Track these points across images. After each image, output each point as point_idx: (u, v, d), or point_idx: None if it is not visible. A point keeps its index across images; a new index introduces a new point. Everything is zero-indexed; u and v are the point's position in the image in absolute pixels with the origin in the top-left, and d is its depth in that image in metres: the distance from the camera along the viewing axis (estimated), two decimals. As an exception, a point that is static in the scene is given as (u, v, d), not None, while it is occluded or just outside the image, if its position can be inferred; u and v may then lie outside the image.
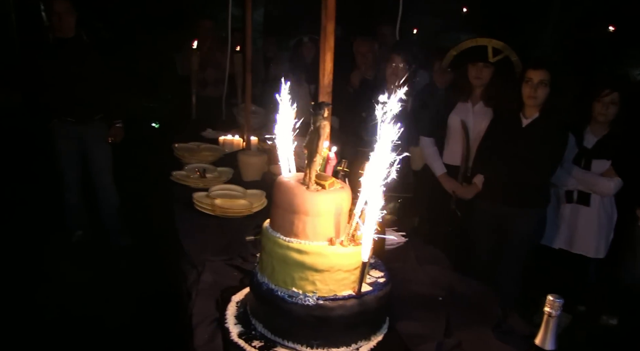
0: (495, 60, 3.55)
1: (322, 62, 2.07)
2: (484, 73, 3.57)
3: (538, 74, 3.15)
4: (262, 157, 3.57)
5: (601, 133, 3.41)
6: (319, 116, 1.60)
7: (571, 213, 3.51)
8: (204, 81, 5.86)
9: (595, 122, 3.41)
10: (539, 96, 3.16)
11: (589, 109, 3.41)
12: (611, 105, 3.32)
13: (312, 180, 1.66)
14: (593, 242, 3.47)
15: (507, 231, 3.34)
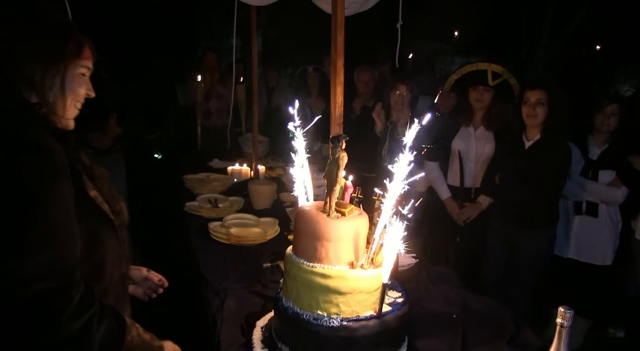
0: (494, 84, 3.68)
1: (332, 95, 2.20)
2: (485, 96, 3.70)
3: (535, 94, 3.29)
4: (272, 186, 3.68)
5: (604, 144, 3.56)
6: (338, 148, 1.72)
7: (579, 224, 3.64)
8: (208, 111, 6.01)
9: (597, 133, 3.57)
10: (538, 115, 3.29)
11: (591, 121, 3.55)
12: (612, 115, 3.48)
13: (332, 208, 1.77)
14: (600, 250, 3.60)
15: (518, 250, 3.44)
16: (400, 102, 3.90)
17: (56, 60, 1.28)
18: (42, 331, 1.10)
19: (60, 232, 1.14)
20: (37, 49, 1.25)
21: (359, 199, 2.04)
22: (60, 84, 1.29)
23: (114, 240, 1.42)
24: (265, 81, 6.70)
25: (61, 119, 1.33)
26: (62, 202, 1.15)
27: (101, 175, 1.43)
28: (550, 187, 3.34)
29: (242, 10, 4.20)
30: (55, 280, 1.11)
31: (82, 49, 1.36)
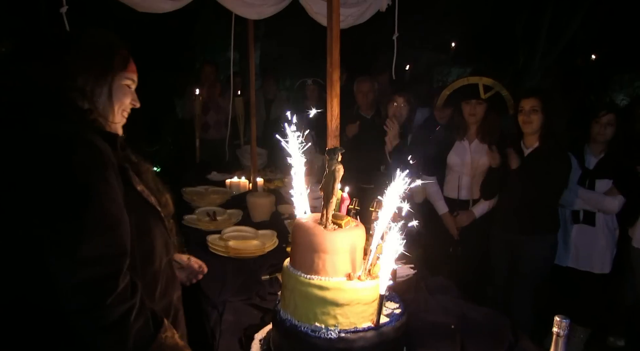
0: (487, 97, 3.71)
1: (329, 107, 2.22)
2: (478, 110, 3.72)
3: (529, 102, 3.35)
4: (270, 198, 3.69)
5: (600, 153, 3.59)
6: (334, 160, 1.73)
7: (577, 232, 3.65)
8: (206, 124, 6.04)
9: (594, 142, 3.60)
10: (533, 122, 3.34)
11: (587, 130, 3.58)
12: (608, 125, 3.52)
13: (329, 220, 1.79)
14: (598, 258, 3.61)
15: (520, 257, 3.46)
16: (397, 113, 3.92)
17: (104, 73, 1.47)
18: (86, 312, 1.22)
19: (110, 220, 1.27)
20: (88, 64, 1.44)
21: (356, 211, 2.05)
22: (108, 93, 1.48)
23: (161, 228, 1.54)
24: (264, 93, 6.73)
25: (110, 124, 1.49)
26: (110, 194, 1.29)
27: (147, 170, 1.57)
28: (550, 194, 3.37)
29: (240, 24, 4.24)
30: (104, 265, 1.23)
31: (127, 63, 1.55)
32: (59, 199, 1.22)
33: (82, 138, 1.29)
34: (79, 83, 1.42)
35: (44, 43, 1.45)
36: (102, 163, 1.29)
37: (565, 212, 3.68)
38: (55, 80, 1.38)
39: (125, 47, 1.56)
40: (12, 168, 1.26)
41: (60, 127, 1.30)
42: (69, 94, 1.39)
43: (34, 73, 1.37)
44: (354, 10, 3.87)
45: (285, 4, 3.79)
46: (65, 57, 1.41)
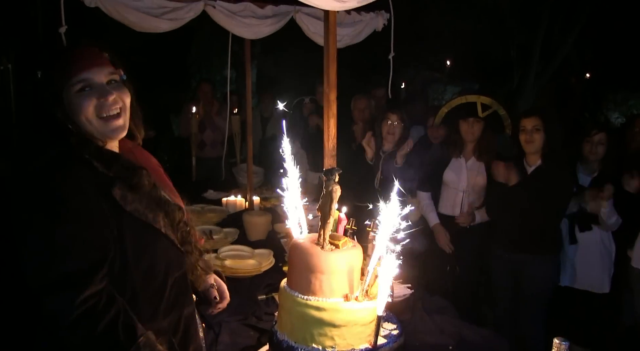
0: (484, 115, 3.73)
1: (325, 127, 2.23)
2: (475, 128, 3.74)
3: (530, 121, 3.35)
4: (266, 217, 3.68)
5: (593, 172, 3.58)
6: (331, 181, 1.73)
7: (574, 252, 3.62)
8: (202, 142, 6.04)
9: (585, 162, 3.59)
10: (535, 141, 3.34)
11: (579, 149, 3.59)
12: (600, 145, 3.52)
13: (326, 240, 1.78)
14: (596, 277, 3.57)
15: (524, 278, 3.42)
16: (391, 131, 3.93)
17: (52, 92, 1.42)
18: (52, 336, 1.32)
19: (74, 249, 1.32)
20: (42, 90, 1.43)
21: (353, 231, 2.05)
22: (63, 112, 1.43)
23: (163, 243, 1.51)
24: (260, 112, 6.75)
25: (93, 138, 1.45)
26: (84, 218, 1.34)
27: (140, 182, 1.48)
28: (554, 212, 3.35)
29: (237, 43, 4.28)
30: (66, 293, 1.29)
31: (68, 69, 1.43)
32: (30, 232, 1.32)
33: (59, 171, 1.35)
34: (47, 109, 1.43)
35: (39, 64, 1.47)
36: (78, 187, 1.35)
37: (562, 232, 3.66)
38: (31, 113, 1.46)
39: (65, 50, 1.53)
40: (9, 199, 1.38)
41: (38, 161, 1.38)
42: (42, 122, 1.43)
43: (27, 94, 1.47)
44: (350, 30, 3.92)
45: (282, 24, 3.83)
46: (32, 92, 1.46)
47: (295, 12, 3.80)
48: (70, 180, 1.35)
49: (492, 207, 3.60)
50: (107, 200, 1.39)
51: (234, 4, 3.73)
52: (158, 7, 3.45)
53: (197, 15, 3.63)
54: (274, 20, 3.79)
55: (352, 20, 3.96)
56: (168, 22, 3.51)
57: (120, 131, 1.50)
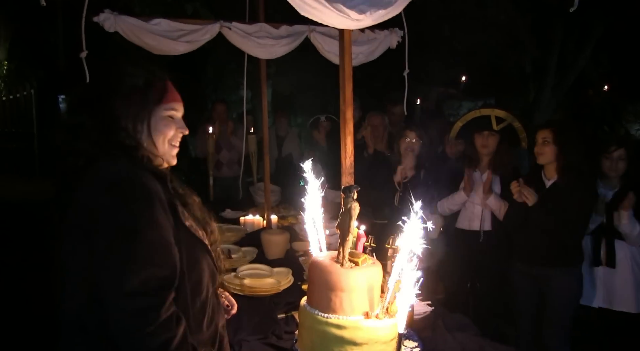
0: (499, 128, 3.72)
1: (342, 145, 2.24)
2: (490, 141, 3.73)
3: (541, 134, 3.35)
4: (284, 235, 3.68)
5: (615, 186, 3.51)
6: (349, 198, 1.74)
7: (605, 271, 3.51)
8: (219, 162, 6.09)
9: (606, 177, 3.53)
10: (545, 153, 3.32)
11: (599, 165, 3.54)
12: (620, 161, 3.46)
13: (345, 258, 1.78)
14: (632, 297, 3.46)
15: (547, 293, 3.36)
16: (410, 148, 3.94)
17: (141, 110, 1.54)
18: (128, 338, 1.33)
19: (157, 254, 1.37)
20: (127, 104, 1.52)
21: (372, 248, 2.05)
22: (147, 128, 1.55)
23: (207, 259, 1.61)
24: (275, 131, 6.79)
25: (157, 157, 1.58)
26: (158, 231, 1.39)
27: (193, 202, 1.64)
28: (575, 225, 3.28)
29: (252, 63, 4.32)
30: (148, 299, 1.33)
31: (163, 95, 1.60)
32: (110, 239, 1.34)
33: (131, 181, 1.41)
34: (122, 123, 1.51)
35: (91, 92, 1.55)
36: (150, 203, 1.40)
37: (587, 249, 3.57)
38: (103, 125, 1.49)
39: (162, 78, 1.62)
40: (80, 208, 1.41)
41: (115, 170, 1.43)
42: (116, 136, 1.50)
43: (86, 121, 1.49)
44: (364, 48, 3.94)
45: (297, 44, 3.87)
46: (109, 102, 1.51)
47: (310, 32, 3.84)
48: (147, 189, 1.41)
49: (511, 222, 3.56)
50: (170, 213, 1.47)
51: (249, 25, 3.78)
52: (175, 30, 3.52)
53: (213, 37, 3.69)
54: (289, 40, 3.83)
55: (367, 38, 3.99)
56: (185, 45, 3.57)
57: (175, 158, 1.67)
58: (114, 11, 3.37)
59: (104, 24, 3.30)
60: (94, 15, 3.28)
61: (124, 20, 3.35)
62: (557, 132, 3.32)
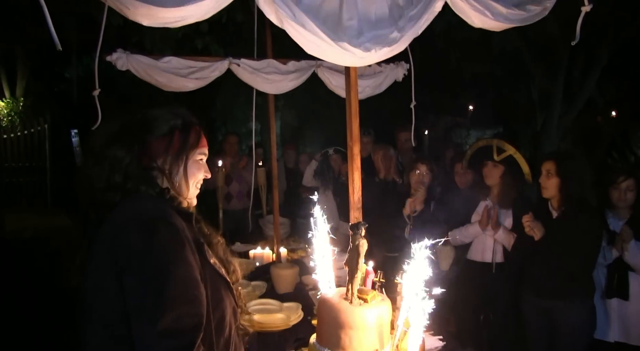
0: (499, 159, 3.72)
1: (350, 181, 2.25)
2: (493, 172, 3.74)
3: (545, 166, 3.35)
4: (294, 269, 3.67)
5: (625, 216, 3.47)
6: (357, 235, 1.74)
7: (619, 303, 3.46)
8: (229, 194, 6.11)
9: (615, 208, 3.50)
10: (548, 186, 3.31)
11: (607, 195, 3.51)
12: (628, 191, 3.43)
13: (354, 295, 1.77)
14: None
15: (558, 326, 3.31)
16: (420, 182, 3.95)
17: (180, 152, 1.59)
18: None
19: (188, 293, 1.37)
20: (166, 145, 1.57)
21: (382, 283, 2.04)
22: (184, 170, 1.60)
23: (230, 297, 1.62)
24: (284, 163, 6.83)
25: (185, 199, 1.62)
26: (188, 269, 1.40)
27: (218, 241, 1.67)
28: (585, 255, 3.25)
29: (261, 96, 4.39)
30: (180, 338, 1.32)
31: (199, 139, 1.66)
32: (144, 277, 1.34)
33: (163, 220, 1.42)
34: (159, 163, 1.56)
35: (127, 130, 1.57)
36: (180, 242, 1.41)
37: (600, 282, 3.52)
38: (139, 162, 1.53)
39: (197, 123, 1.67)
40: (110, 245, 1.41)
41: (146, 210, 1.46)
42: (151, 174, 1.54)
43: (122, 158, 1.52)
44: (371, 82, 3.99)
45: (304, 79, 3.93)
46: (148, 140, 1.56)
47: (317, 67, 3.91)
48: (176, 228, 1.43)
49: (519, 253, 3.53)
50: (197, 252, 1.48)
51: (257, 61, 3.85)
52: (185, 68, 3.59)
53: (222, 74, 3.76)
54: (297, 75, 3.89)
55: (373, 71, 4.04)
56: (195, 81, 3.64)
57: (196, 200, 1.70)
58: (126, 50, 3.45)
59: (116, 63, 3.38)
60: (107, 54, 3.37)
61: (135, 59, 3.43)
62: (559, 164, 3.30)
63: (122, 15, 1.99)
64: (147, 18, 1.97)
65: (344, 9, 2.13)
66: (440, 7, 2.15)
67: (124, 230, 1.40)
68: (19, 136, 11.19)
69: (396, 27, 2.13)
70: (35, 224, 9.23)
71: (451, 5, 2.19)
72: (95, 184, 1.52)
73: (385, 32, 2.11)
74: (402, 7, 2.20)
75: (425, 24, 2.16)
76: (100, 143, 1.57)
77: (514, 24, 2.28)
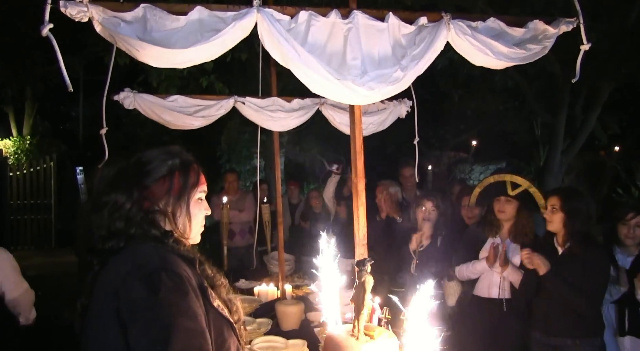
0: (515, 194, 3.71)
1: (355, 217, 2.26)
2: (507, 208, 3.71)
3: (550, 201, 3.34)
4: (299, 306, 3.64)
5: (633, 252, 3.45)
6: (363, 271, 1.74)
7: (632, 341, 3.40)
8: (231, 232, 6.10)
9: (623, 244, 3.49)
10: (553, 222, 3.30)
11: (615, 232, 3.50)
12: (637, 228, 3.42)
13: (361, 331, 1.76)
14: None
15: None
16: (427, 218, 3.96)
17: (183, 192, 1.57)
18: None
19: (193, 342, 1.34)
20: (168, 187, 1.55)
21: (388, 320, 2.03)
22: (187, 211, 1.57)
23: (234, 338, 1.60)
24: (288, 199, 6.85)
25: (188, 240, 1.59)
26: (193, 319, 1.37)
27: (221, 283, 1.64)
28: (592, 293, 3.20)
29: (265, 133, 4.44)
30: None
31: (199, 177, 1.64)
32: (149, 331, 1.31)
33: (167, 271, 1.39)
34: (161, 206, 1.54)
35: (124, 175, 1.54)
36: (185, 293, 1.39)
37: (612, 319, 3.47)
38: (140, 207, 1.50)
39: (194, 160, 1.65)
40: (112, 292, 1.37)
41: (149, 259, 1.42)
42: (154, 217, 1.51)
43: (123, 204, 1.49)
44: (375, 118, 4.05)
45: (308, 116, 3.99)
46: (145, 186, 1.53)
47: (321, 105, 3.97)
48: (180, 277, 1.41)
49: (526, 290, 3.50)
50: (201, 296, 1.46)
51: (261, 99, 3.92)
52: (191, 106, 3.66)
53: (227, 112, 3.82)
54: (301, 113, 3.95)
55: (377, 108, 4.11)
56: (200, 120, 3.70)
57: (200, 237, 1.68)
58: (132, 88, 3.53)
59: (123, 102, 3.45)
60: (114, 94, 3.44)
61: (142, 98, 3.50)
62: (564, 199, 3.30)
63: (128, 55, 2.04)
64: (155, 59, 2.03)
65: (348, 48, 2.19)
66: (442, 46, 2.21)
67: (127, 282, 1.38)
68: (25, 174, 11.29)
69: (399, 66, 2.18)
70: (40, 263, 9.23)
71: (453, 45, 2.25)
72: (96, 232, 1.49)
73: (388, 71, 2.16)
74: (405, 46, 2.26)
75: (428, 63, 2.21)
76: (98, 191, 1.56)
77: (515, 63, 2.33)
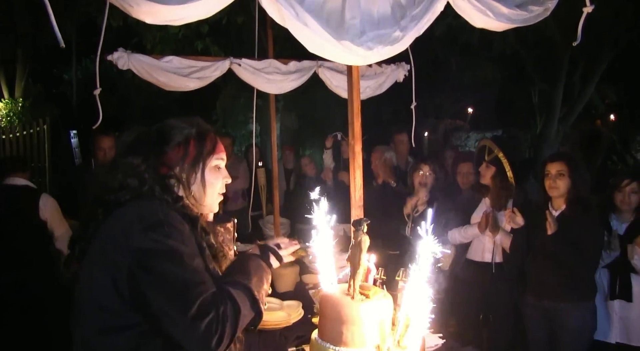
0: (489, 160, 3.73)
1: (352, 179, 2.26)
2: (486, 172, 3.74)
3: (555, 166, 3.32)
4: (294, 268, 3.68)
5: (628, 219, 3.48)
6: (359, 231, 1.75)
7: (621, 305, 3.45)
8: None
9: (619, 211, 3.52)
10: (559, 187, 3.30)
11: (611, 198, 3.53)
12: (632, 194, 3.45)
13: (356, 291, 1.78)
14: None
15: (559, 327, 3.30)
16: (423, 182, 3.97)
17: (197, 160, 1.59)
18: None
19: (201, 275, 1.41)
20: (183, 154, 1.57)
21: (382, 280, 2.05)
22: (201, 178, 1.59)
23: None
24: (283, 164, 6.84)
25: (201, 206, 1.61)
26: (195, 258, 1.44)
27: (224, 256, 1.65)
28: (586, 257, 3.24)
29: (261, 97, 4.40)
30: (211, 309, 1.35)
31: (215, 146, 1.65)
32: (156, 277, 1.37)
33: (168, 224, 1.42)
34: (177, 172, 1.56)
35: (143, 140, 1.57)
36: (185, 244, 1.43)
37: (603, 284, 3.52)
38: (156, 171, 1.53)
39: (212, 130, 1.66)
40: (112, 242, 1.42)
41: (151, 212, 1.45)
42: (168, 182, 1.54)
43: (138, 165, 1.52)
44: (372, 82, 4.01)
45: (305, 79, 3.95)
46: (163, 152, 1.56)
47: (318, 67, 3.92)
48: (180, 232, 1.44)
49: (517, 253, 3.54)
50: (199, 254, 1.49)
51: (258, 61, 3.87)
52: (186, 67, 3.61)
53: (223, 73, 3.78)
54: (297, 75, 3.91)
55: (374, 72, 4.07)
56: (196, 81, 3.66)
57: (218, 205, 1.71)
58: (126, 50, 3.47)
59: (117, 62, 3.39)
60: (108, 54, 3.38)
61: (136, 58, 3.44)
62: (571, 166, 3.30)
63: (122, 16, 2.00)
64: (150, 16, 1.99)
65: (347, 8, 2.14)
66: (442, 6, 2.16)
67: (128, 231, 1.40)
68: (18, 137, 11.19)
69: (398, 27, 2.14)
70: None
71: (453, 5, 2.21)
72: (108, 184, 1.52)
73: (387, 31, 2.13)
74: (405, 6, 2.22)
75: (427, 24, 2.18)
76: (116, 153, 1.60)
77: (516, 24, 2.29)
